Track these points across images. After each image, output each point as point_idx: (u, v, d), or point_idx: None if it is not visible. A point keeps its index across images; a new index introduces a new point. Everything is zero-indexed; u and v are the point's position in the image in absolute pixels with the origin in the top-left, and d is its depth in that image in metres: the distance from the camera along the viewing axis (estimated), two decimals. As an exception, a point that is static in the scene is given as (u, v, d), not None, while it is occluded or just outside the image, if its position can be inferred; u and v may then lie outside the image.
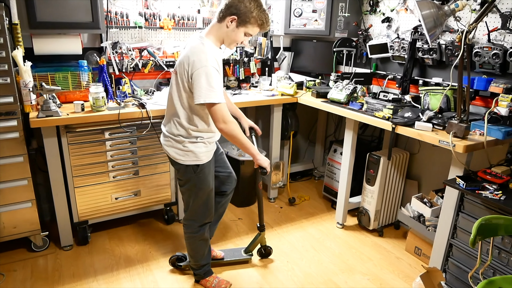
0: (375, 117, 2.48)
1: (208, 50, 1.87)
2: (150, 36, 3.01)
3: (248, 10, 1.85)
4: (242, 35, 1.92)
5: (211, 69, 1.82)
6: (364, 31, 3.20)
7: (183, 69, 1.87)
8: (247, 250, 2.56)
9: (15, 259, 2.51)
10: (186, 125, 1.97)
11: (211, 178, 2.10)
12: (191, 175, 2.03)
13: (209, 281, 2.30)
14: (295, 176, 3.95)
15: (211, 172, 2.10)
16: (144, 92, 2.89)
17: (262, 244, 2.56)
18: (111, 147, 2.57)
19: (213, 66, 1.83)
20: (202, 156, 2.01)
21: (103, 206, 2.65)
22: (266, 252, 2.60)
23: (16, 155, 2.31)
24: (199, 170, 2.02)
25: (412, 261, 2.64)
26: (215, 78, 1.83)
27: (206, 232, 2.19)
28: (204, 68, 1.81)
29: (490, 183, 1.98)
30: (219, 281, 2.30)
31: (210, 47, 1.90)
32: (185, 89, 1.91)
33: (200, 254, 2.25)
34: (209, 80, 1.81)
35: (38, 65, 2.53)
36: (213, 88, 1.82)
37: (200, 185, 2.05)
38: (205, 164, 2.03)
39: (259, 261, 2.58)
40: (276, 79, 3.32)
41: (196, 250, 2.23)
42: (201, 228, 2.16)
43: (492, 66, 2.29)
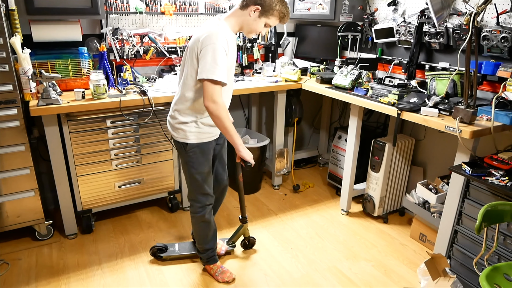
0: (381, 103, 2.44)
1: (221, 30, 1.87)
2: (151, 22, 2.96)
3: (272, 2, 1.90)
4: (262, 26, 1.96)
5: (219, 47, 1.82)
6: (370, 15, 3.13)
7: (194, 45, 1.89)
8: (230, 241, 2.53)
9: (19, 248, 2.52)
10: (182, 101, 2.00)
11: (205, 161, 2.08)
12: (182, 152, 2.08)
13: (212, 269, 2.30)
14: (299, 163, 3.93)
15: (206, 155, 2.08)
16: (146, 79, 2.86)
17: (245, 235, 2.53)
18: (113, 135, 2.55)
19: (221, 45, 1.82)
20: (190, 136, 2.02)
21: (106, 194, 2.65)
22: (250, 243, 2.58)
23: (17, 144, 2.30)
24: (188, 149, 2.04)
25: (416, 248, 2.63)
26: (219, 55, 1.81)
27: (207, 214, 2.19)
28: (212, 45, 1.81)
29: (496, 169, 1.95)
30: (223, 271, 2.29)
31: (224, 28, 1.91)
32: (192, 65, 1.91)
33: (201, 236, 2.26)
34: (215, 56, 1.80)
35: (37, 52, 2.50)
36: (217, 65, 1.81)
37: (191, 164, 2.07)
38: (194, 144, 2.03)
39: (264, 249, 2.58)
40: (279, 65, 3.27)
41: (197, 231, 2.25)
42: (201, 210, 2.17)
43: (501, 50, 2.24)
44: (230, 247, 2.54)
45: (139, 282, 2.25)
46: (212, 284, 2.25)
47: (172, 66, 3.04)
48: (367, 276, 2.35)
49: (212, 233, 2.28)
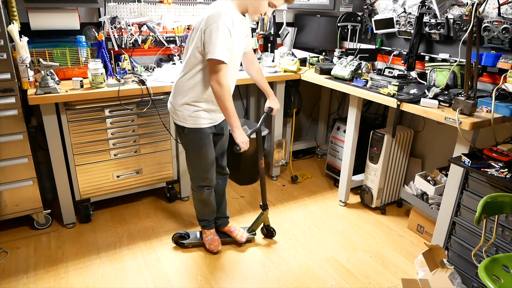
0: (380, 94, 2.43)
1: (225, 8, 1.85)
2: (149, 11, 2.93)
3: None
4: (266, 5, 1.91)
5: (221, 25, 1.80)
6: (370, 5, 3.10)
7: (199, 24, 1.88)
8: (250, 229, 2.56)
9: (18, 237, 2.52)
10: (183, 83, 2.02)
11: (203, 145, 2.10)
12: (180, 134, 2.13)
13: (205, 233, 2.45)
14: (297, 154, 3.93)
15: (203, 139, 2.09)
16: (144, 68, 2.84)
17: (266, 223, 2.56)
18: (111, 124, 2.54)
19: (224, 23, 1.80)
20: (188, 119, 2.04)
21: (104, 184, 2.65)
22: (269, 232, 2.60)
23: (15, 132, 2.29)
24: (186, 132, 2.07)
25: (414, 239, 2.65)
26: (222, 34, 1.80)
27: (204, 194, 2.26)
28: (215, 24, 1.80)
29: (496, 160, 1.95)
30: (212, 239, 2.43)
31: (229, 8, 1.89)
32: (195, 45, 1.91)
33: (198, 211, 2.41)
34: (217, 35, 1.79)
35: (35, 40, 2.47)
36: (218, 43, 1.79)
37: (189, 146, 2.13)
38: (191, 129, 2.05)
39: (263, 240, 2.59)
40: (278, 55, 3.25)
41: (195, 204, 2.39)
42: (199, 189, 2.25)
43: (502, 41, 2.22)
44: (251, 235, 2.56)
45: (138, 272, 2.26)
46: (210, 274, 2.26)
47: (170, 56, 3.01)
48: (365, 266, 2.37)
49: (210, 211, 2.39)
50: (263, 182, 2.43)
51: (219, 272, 2.28)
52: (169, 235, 2.57)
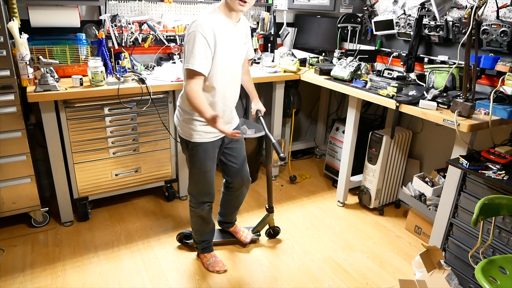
0: (379, 95, 2.44)
1: (205, 17, 1.82)
2: (150, 9, 2.93)
3: None
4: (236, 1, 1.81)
5: (197, 34, 1.77)
6: (370, 6, 3.11)
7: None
8: (255, 230, 2.57)
9: (15, 235, 2.52)
10: (182, 96, 2.01)
11: (207, 160, 2.06)
12: (185, 148, 2.09)
13: (206, 257, 2.32)
14: (296, 154, 3.93)
15: (208, 154, 2.05)
16: (144, 67, 2.83)
17: (270, 225, 2.56)
18: (110, 123, 2.53)
19: (200, 32, 1.77)
20: (194, 134, 2.00)
21: (103, 182, 2.64)
22: (275, 233, 2.60)
23: (14, 130, 2.28)
24: (190, 147, 2.03)
25: (412, 240, 2.66)
26: (197, 44, 1.77)
27: (205, 211, 2.18)
28: (192, 34, 1.79)
29: (493, 163, 1.96)
30: (215, 261, 2.30)
31: (211, 15, 1.84)
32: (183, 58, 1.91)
33: (196, 229, 2.29)
34: (193, 45, 1.78)
35: (35, 37, 2.46)
36: (193, 54, 1.78)
37: (192, 161, 2.07)
38: (196, 143, 2.01)
39: (261, 240, 2.59)
40: (278, 55, 3.25)
41: (193, 223, 2.27)
42: (199, 205, 2.16)
43: (500, 44, 2.24)
44: (255, 236, 2.56)
45: (135, 271, 2.26)
46: (208, 273, 2.26)
47: (170, 55, 3.01)
48: (363, 267, 2.37)
49: (210, 229, 2.30)
50: (270, 185, 2.41)
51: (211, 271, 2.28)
52: (167, 234, 2.57)
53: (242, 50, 2.04)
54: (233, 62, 1.98)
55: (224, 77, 1.94)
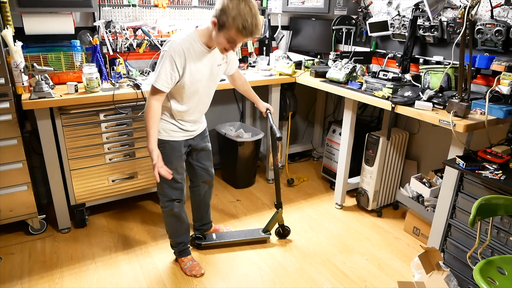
0: (375, 96, 2.43)
1: (181, 40, 1.83)
2: (144, 15, 2.93)
3: (228, 12, 1.68)
4: (225, 41, 1.77)
5: (168, 56, 1.80)
6: (364, 8, 3.12)
7: None
8: (265, 229, 2.57)
9: (12, 242, 2.51)
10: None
11: (173, 158, 2.08)
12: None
13: (183, 261, 2.31)
14: (293, 157, 3.93)
15: (175, 152, 2.08)
16: (139, 72, 2.83)
17: (280, 222, 2.57)
18: (106, 129, 2.53)
19: (171, 55, 1.80)
20: (162, 132, 2.03)
21: (100, 188, 2.63)
22: (284, 232, 2.61)
23: (9, 137, 2.28)
24: (158, 143, 2.02)
25: (410, 241, 2.65)
26: (165, 65, 1.81)
27: (176, 208, 2.18)
28: (165, 53, 1.82)
29: (490, 162, 1.96)
30: (192, 265, 2.29)
31: (188, 39, 1.84)
32: None
33: (171, 231, 2.29)
34: (161, 65, 1.82)
35: (29, 45, 2.46)
36: (159, 73, 1.83)
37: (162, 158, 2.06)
38: (163, 140, 2.04)
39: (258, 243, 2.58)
40: (274, 58, 3.25)
41: (167, 225, 2.27)
42: (169, 204, 2.17)
43: (495, 43, 2.24)
44: (266, 235, 2.56)
45: (133, 277, 2.25)
46: (205, 279, 2.25)
47: (166, 60, 3.01)
48: (361, 269, 2.36)
49: (185, 229, 2.30)
50: (277, 179, 2.42)
51: (215, 276, 2.27)
52: (165, 239, 2.56)
53: (216, 71, 2.05)
54: (204, 82, 2.00)
55: (193, 94, 1.99)
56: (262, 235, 2.56)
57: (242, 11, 1.67)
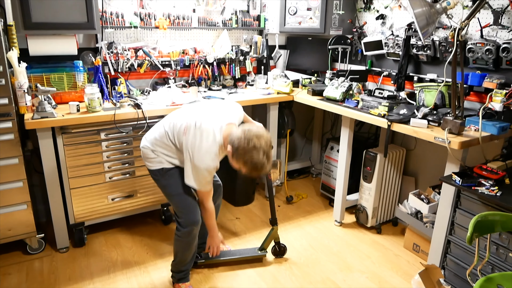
0: (371, 114, 2.48)
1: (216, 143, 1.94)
2: (145, 36, 3.01)
3: (243, 151, 1.85)
4: (237, 166, 1.93)
5: (208, 167, 1.94)
6: (359, 28, 3.20)
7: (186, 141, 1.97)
8: (261, 248, 2.57)
9: (10, 262, 2.49)
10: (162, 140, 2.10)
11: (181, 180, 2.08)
12: (159, 178, 2.14)
13: (181, 287, 2.27)
14: (292, 174, 3.95)
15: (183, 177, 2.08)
16: (140, 92, 2.88)
17: (276, 240, 2.57)
18: (107, 147, 2.56)
19: (211, 166, 1.95)
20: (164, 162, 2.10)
21: (99, 207, 2.64)
22: (281, 250, 2.61)
23: (11, 156, 2.30)
24: (164, 173, 2.10)
25: (410, 258, 2.65)
26: (208, 173, 1.96)
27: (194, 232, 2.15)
28: (204, 165, 1.93)
29: (486, 178, 1.99)
30: None
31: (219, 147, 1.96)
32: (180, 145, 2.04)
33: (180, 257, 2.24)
34: (204, 174, 1.96)
35: (33, 66, 2.52)
36: (204, 179, 1.98)
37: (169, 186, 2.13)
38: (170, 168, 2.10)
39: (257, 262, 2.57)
40: (272, 77, 3.31)
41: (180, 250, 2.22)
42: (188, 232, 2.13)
43: (486, 61, 2.30)
44: (262, 253, 2.56)
45: (132, 296, 2.23)
46: (206, 297, 2.24)
47: (166, 79, 3.07)
48: (362, 287, 2.35)
49: (191, 257, 2.27)
50: (271, 195, 2.44)
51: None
52: (164, 258, 2.55)
53: None
54: None
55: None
56: (258, 253, 2.56)
57: (253, 159, 1.85)
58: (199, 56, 3.13)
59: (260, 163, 1.86)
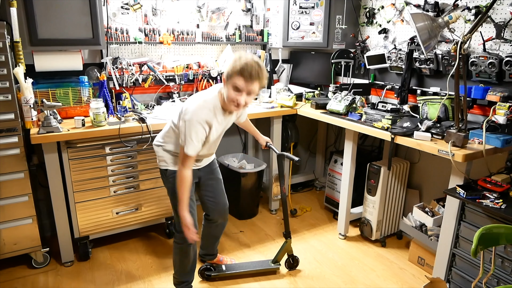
0: (374, 127, 2.48)
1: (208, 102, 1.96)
2: (150, 51, 3.05)
3: (230, 64, 1.90)
4: (232, 92, 1.90)
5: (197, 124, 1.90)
6: (362, 42, 3.23)
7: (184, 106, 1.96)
8: (274, 260, 2.57)
9: (15, 276, 2.49)
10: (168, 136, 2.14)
11: None
12: (165, 178, 2.18)
13: None
14: (296, 187, 3.94)
15: None
16: (145, 106, 2.91)
17: (289, 253, 2.57)
18: (111, 161, 2.57)
19: (200, 122, 1.91)
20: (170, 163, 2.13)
21: (104, 221, 2.65)
22: (294, 262, 2.61)
23: (17, 171, 2.32)
24: (168, 175, 2.13)
25: (415, 272, 2.62)
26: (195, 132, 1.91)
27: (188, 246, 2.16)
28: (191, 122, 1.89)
29: (490, 191, 1.98)
30: None
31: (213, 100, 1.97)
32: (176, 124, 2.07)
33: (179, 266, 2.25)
34: (191, 132, 1.90)
35: (39, 81, 2.55)
36: (193, 140, 1.91)
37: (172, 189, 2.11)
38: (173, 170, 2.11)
39: (262, 276, 2.56)
40: (275, 91, 3.34)
41: (175, 260, 2.25)
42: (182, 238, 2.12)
43: (489, 75, 2.31)
44: (275, 265, 2.56)
45: (136, 311, 2.22)
46: (210, 312, 2.22)
47: (170, 93, 3.10)
48: (366, 301, 2.34)
49: (190, 267, 2.27)
50: (285, 208, 2.46)
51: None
52: (168, 272, 2.54)
53: (228, 123, 2.17)
54: (218, 138, 2.16)
55: (207, 148, 2.10)
56: (272, 266, 2.56)
57: (243, 59, 1.86)
58: (203, 70, 3.17)
59: (248, 64, 1.84)
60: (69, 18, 2.46)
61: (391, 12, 2.98)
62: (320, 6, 3.19)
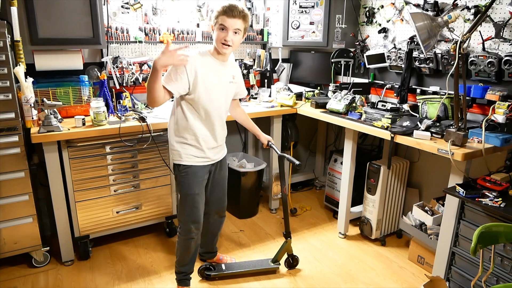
0: (374, 126, 2.49)
1: (194, 53, 2.04)
2: (150, 50, 3.05)
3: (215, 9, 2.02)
4: (219, 32, 2.00)
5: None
6: (361, 41, 3.24)
7: None
8: (274, 260, 2.57)
9: (15, 276, 2.50)
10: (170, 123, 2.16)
11: (195, 183, 2.15)
12: (176, 173, 2.19)
13: None
14: (296, 186, 3.95)
15: (196, 179, 2.15)
16: (145, 105, 2.91)
17: (289, 252, 2.57)
18: (112, 161, 2.58)
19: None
20: (184, 157, 2.12)
21: (104, 220, 2.65)
22: (294, 262, 2.61)
23: (17, 170, 2.32)
24: (180, 170, 2.14)
25: (415, 270, 2.63)
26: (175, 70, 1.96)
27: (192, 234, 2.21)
28: None
29: (489, 190, 1.99)
30: None
31: (200, 53, 2.07)
32: None
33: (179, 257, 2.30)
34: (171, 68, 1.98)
35: (39, 80, 2.56)
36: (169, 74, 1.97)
37: (181, 184, 2.16)
38: (186, 166, 2.13)
39: (262, 275, 2.56)
40: (275, 90, 3.34)
41: (178, 250, 2.29)
42: (186, 232, 2.21)
43: (488, 74, 2.32)
44: (275, 265, 2.56)
45: (137, 309, 2.23)
46: (210, 310, 2.23)
47: (170, 93, 3.10)
48: (366, 299, 2.34)
49: (189, 259, 2.31)
50: (285, 208, 2.47)
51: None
52: (169, 271, 2.55)
53: (228, 87, 2.18)
54: (218, 94, 2.12)
55: (209, 104, 2.09)
56: (272, 265, 2.56)
57: (227, 3, 1.99)
58: (203, 69, 3.17)
59: (231, 4, 1.96)
60: (70, 17, 2.46)
61: (390, 12, 2.98)
62: (320, 6, 3.19)
